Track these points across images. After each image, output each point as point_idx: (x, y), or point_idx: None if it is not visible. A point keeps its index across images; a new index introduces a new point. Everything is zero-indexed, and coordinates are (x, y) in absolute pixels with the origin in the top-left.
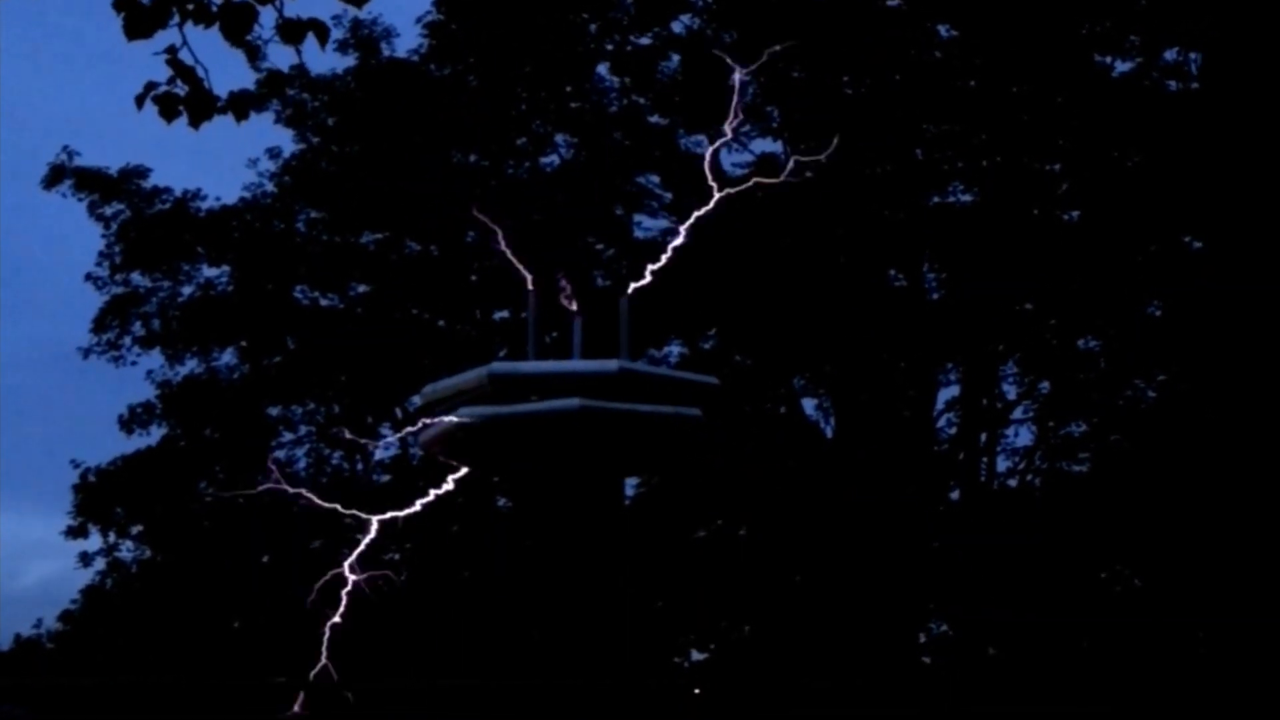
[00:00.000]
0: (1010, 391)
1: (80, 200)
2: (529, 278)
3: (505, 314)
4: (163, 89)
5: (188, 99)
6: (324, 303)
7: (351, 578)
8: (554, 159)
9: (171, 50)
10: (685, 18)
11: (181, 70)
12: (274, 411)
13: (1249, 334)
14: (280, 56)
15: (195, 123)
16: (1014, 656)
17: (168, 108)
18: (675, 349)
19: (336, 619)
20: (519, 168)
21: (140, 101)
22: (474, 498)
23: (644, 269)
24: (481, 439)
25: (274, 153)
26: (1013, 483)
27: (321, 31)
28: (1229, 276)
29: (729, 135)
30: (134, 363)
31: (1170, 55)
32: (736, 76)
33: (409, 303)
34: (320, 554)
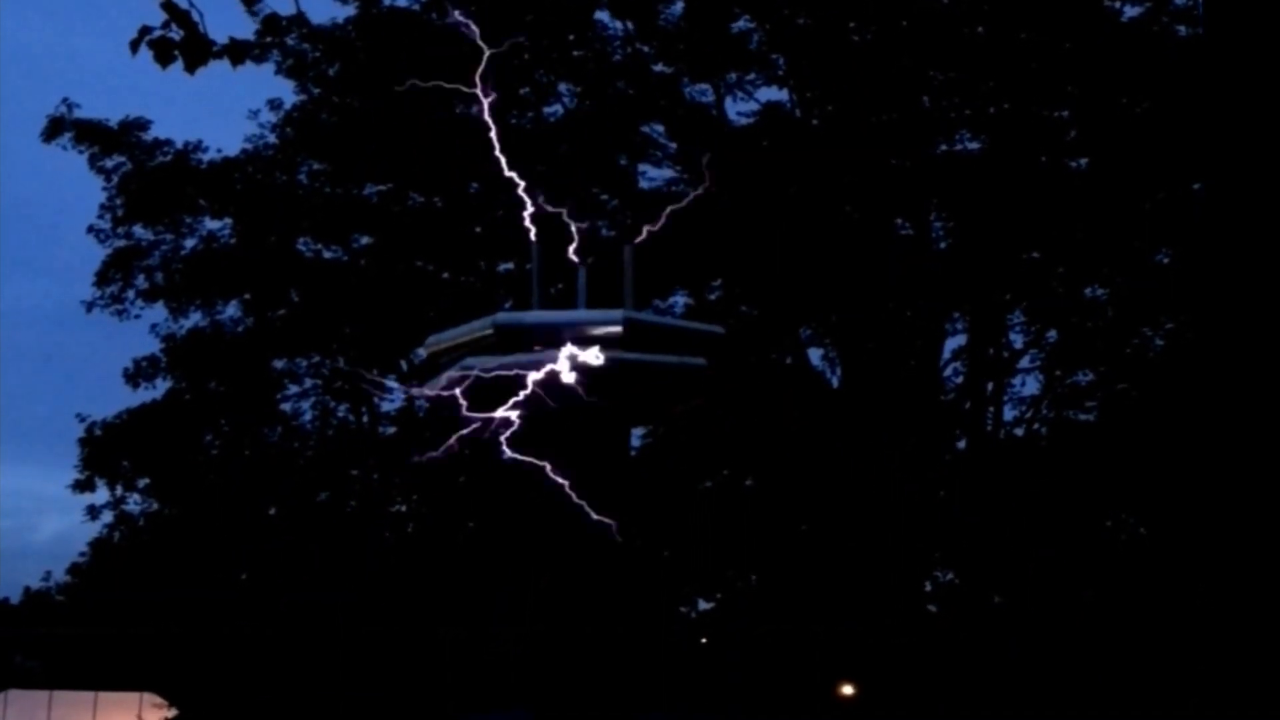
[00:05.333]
0: (1017, 340)
1: (81, 153)
2: (532, 229)
3: (509, 265)
4: (158, 34)
5: (183, 44)
6: (327, 255)
7: None
8: (558, 109)
9: None
10: None
11: (176, 14)
12: (279, 364)
13: (1255, 284)
14: (278, 3)
15: (190, 68)
16: (1018, 606)
17: (162, 52)
18: (681, 299)
19: None
20: (522, 118)
21: (135, 46)
22: (479, 449)
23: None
24: (489, 389)
25: (275, 104)
26: (1019, 432)
27: None
28: (1235, 224)
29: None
30: (137, 316)
31: (1179, 0)
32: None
33: (413, 254)
34: (326, 506)
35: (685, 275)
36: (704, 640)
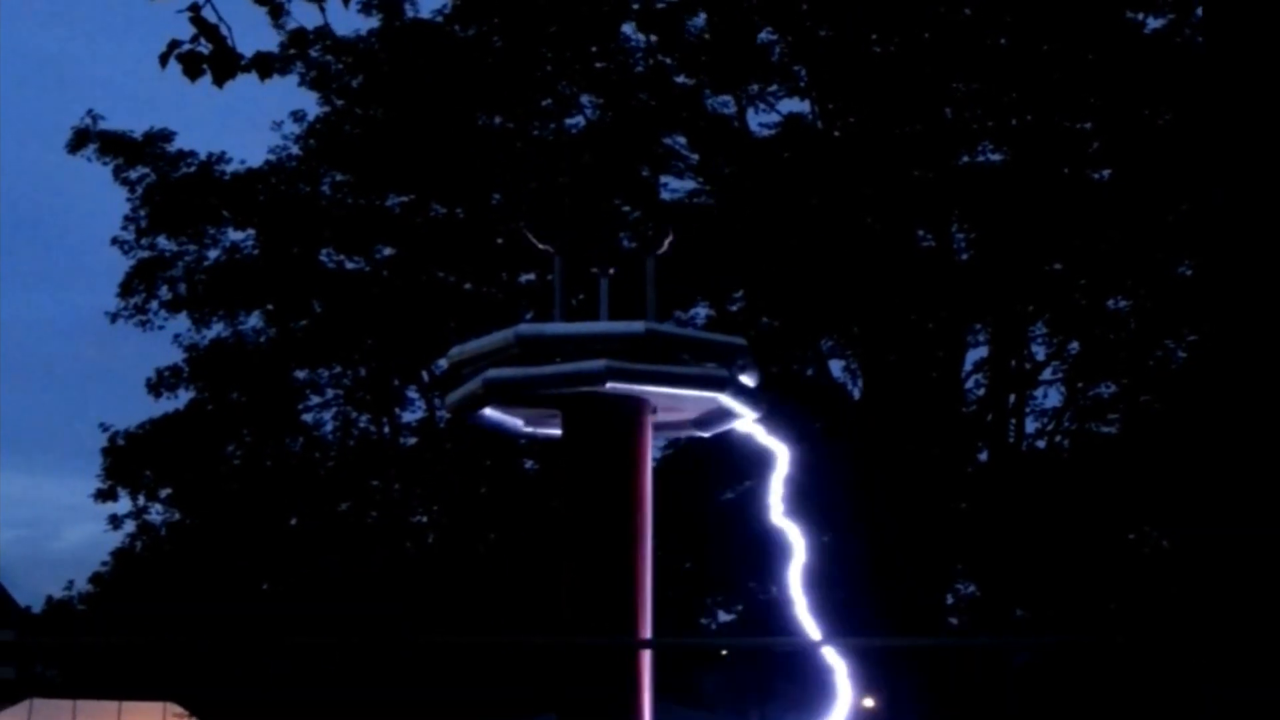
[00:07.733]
0: (1039, 352)
1: (105, 164)
2: (553, 241)
3: (531, 276)
4: (186, 48)
5: (211, 57)
6: (350, 266)
7: None
8: (580, 120)
9: (194, 8)
10: None
11: (205, 28)
12: (301, 375)
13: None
14: (304, 15)
15: (219, 81)
16: (1042, 620)
17: (191, 66)
18: (702, 310)
19: None
20: (544, 129)
21: (164, 60)
22: (501, 459)
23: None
24: (509, 401)
25: (298, 115)
26: (1041, 444)
27: None
28: (1259, 234)
29: None
30: (161, 327)
31: (1202, 11)
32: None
33: (435, 265)
34: (349, 516)
35: (707, 287)
36: (724, 652)
